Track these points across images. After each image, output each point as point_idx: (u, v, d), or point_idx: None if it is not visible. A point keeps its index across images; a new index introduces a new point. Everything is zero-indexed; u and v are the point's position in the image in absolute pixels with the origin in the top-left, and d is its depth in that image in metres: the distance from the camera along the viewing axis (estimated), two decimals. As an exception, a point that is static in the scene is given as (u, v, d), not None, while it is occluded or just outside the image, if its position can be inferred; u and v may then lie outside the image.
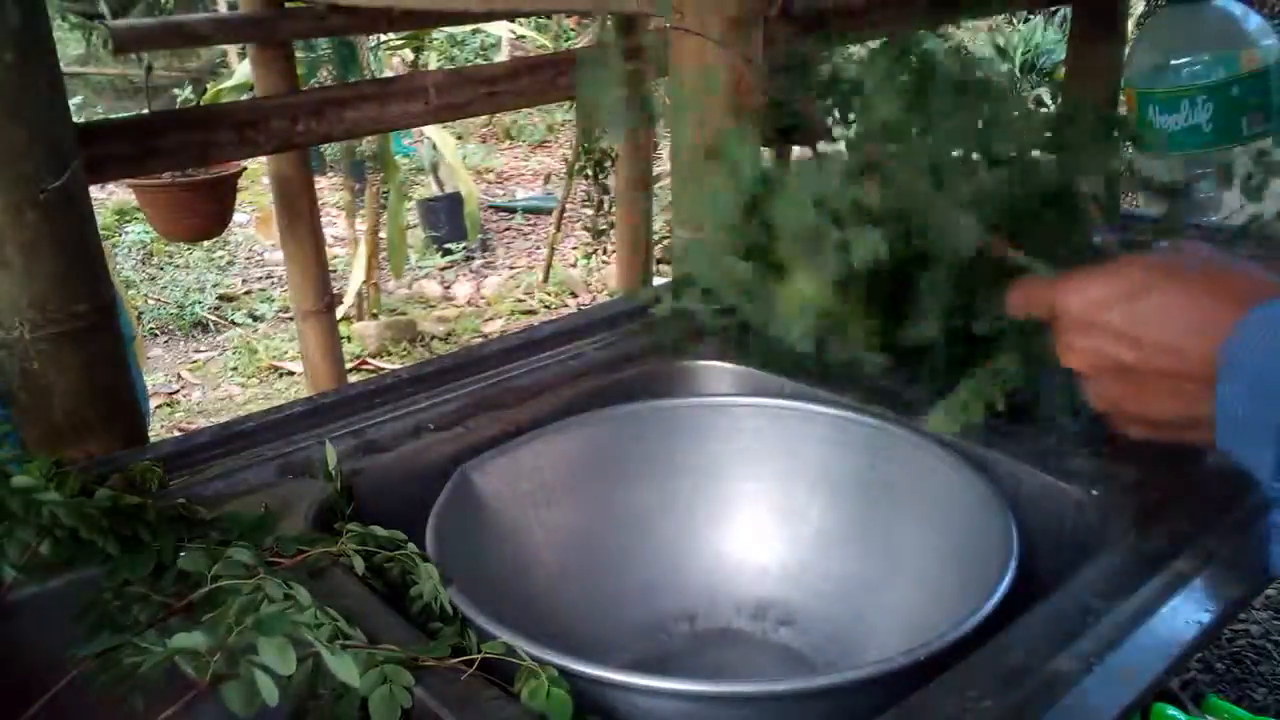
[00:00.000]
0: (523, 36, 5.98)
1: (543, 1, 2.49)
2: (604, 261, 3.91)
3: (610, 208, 3.58)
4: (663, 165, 3.68)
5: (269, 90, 2.32)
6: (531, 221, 4.99)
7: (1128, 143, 0.67)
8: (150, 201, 2.56)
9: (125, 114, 2.63)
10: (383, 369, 3.44)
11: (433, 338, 3.78)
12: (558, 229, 4.13)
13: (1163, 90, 1.57)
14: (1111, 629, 0.61)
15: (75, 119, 1.00)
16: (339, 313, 3.14)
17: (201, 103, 4.18)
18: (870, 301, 0.62)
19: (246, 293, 4.25)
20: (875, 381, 0.93)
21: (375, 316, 3.84)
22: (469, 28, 5.84)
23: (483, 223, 4.77)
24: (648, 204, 2.94)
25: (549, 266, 4.14)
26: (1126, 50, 2.07)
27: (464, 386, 0.98)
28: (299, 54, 2.82)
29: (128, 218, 4.77)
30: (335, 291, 2.75)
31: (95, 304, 0.97)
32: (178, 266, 4.41)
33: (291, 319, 3.69)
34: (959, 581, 0.73)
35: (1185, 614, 0.62)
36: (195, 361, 3.70)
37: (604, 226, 3.72)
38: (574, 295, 4.04)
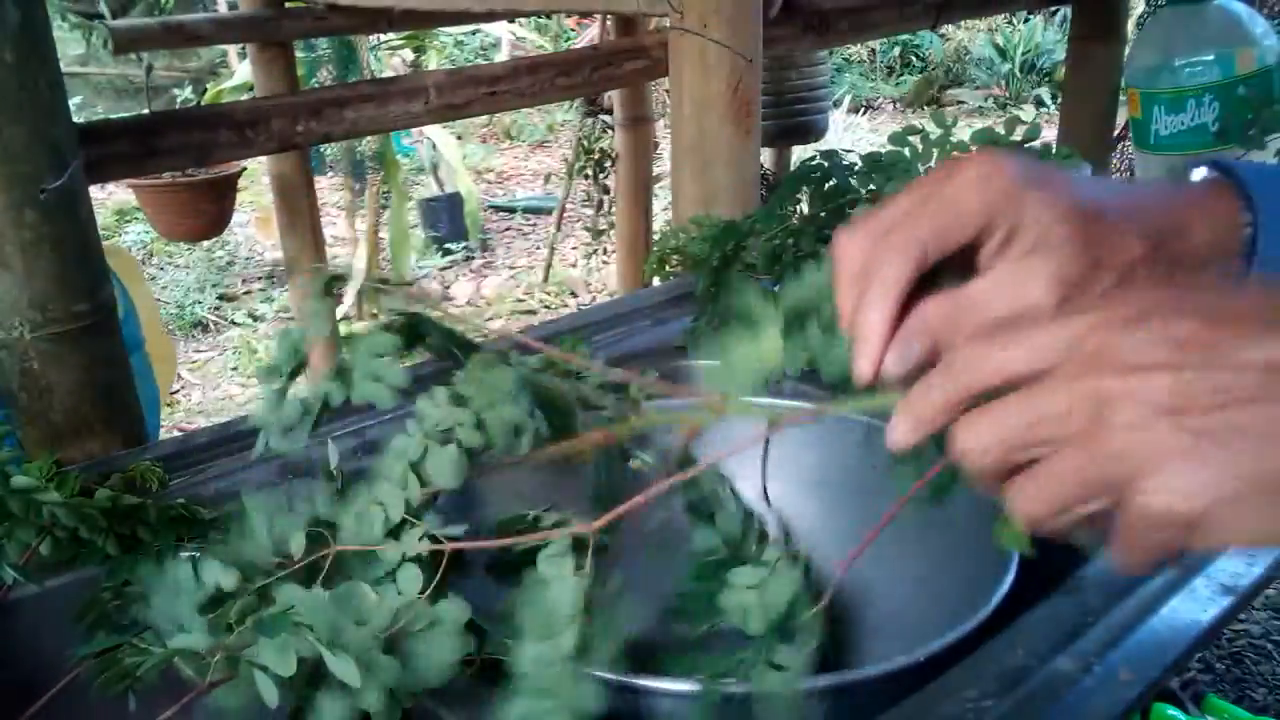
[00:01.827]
0: (523, 37, 5.98)
1: (543, 1, 2.50)
2: (604, 261, 3.90)
3: (610, 208, 3.58)
4: (663, 165, 3.68)
5: (269, 90, 2.33)
6: (531, 221, 4.99)
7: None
8: (150, 201, 2.56)
9: (125, 114, 2.63)
10: (383, 369, 3.42)
11: (433, 338, 3.77)
12: (558, 229, 4.13)
13: (1167, 90, 1.57)
14: (1111, 629, 0.61)
15: (75, 119, 1.00)
16: (339, 313, 3.14)
17: (201, 103, 4.18)
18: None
19: (246, 293, 4.25)
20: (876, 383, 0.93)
21: (375, 316, 3.84)
22: (469, 28, 5.85)
23: (483, 223, 4.78)
24: (648, 204, 2.94)
25: (549, 266, 4.14)
26: (1127, 50, 2.08)
27: (464, 386, 0.98)
28: (299, 54, 2.82)
29: (128, 218, 4.78)
30: (335, 291, 2.74)
31: (95, 304, 0.97)
32: (178, 266, 4.41)
33: (291, 319, 3.69)
34: (959, 581, 0.73)
35: (1185, 614, 0.62)
36: (195, 361, 3.70)
37: (604, 226, 3.72)
38: (574, 295, 4.04)
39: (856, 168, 1.05)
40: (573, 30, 5.83)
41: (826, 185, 1.05)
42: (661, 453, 0.48)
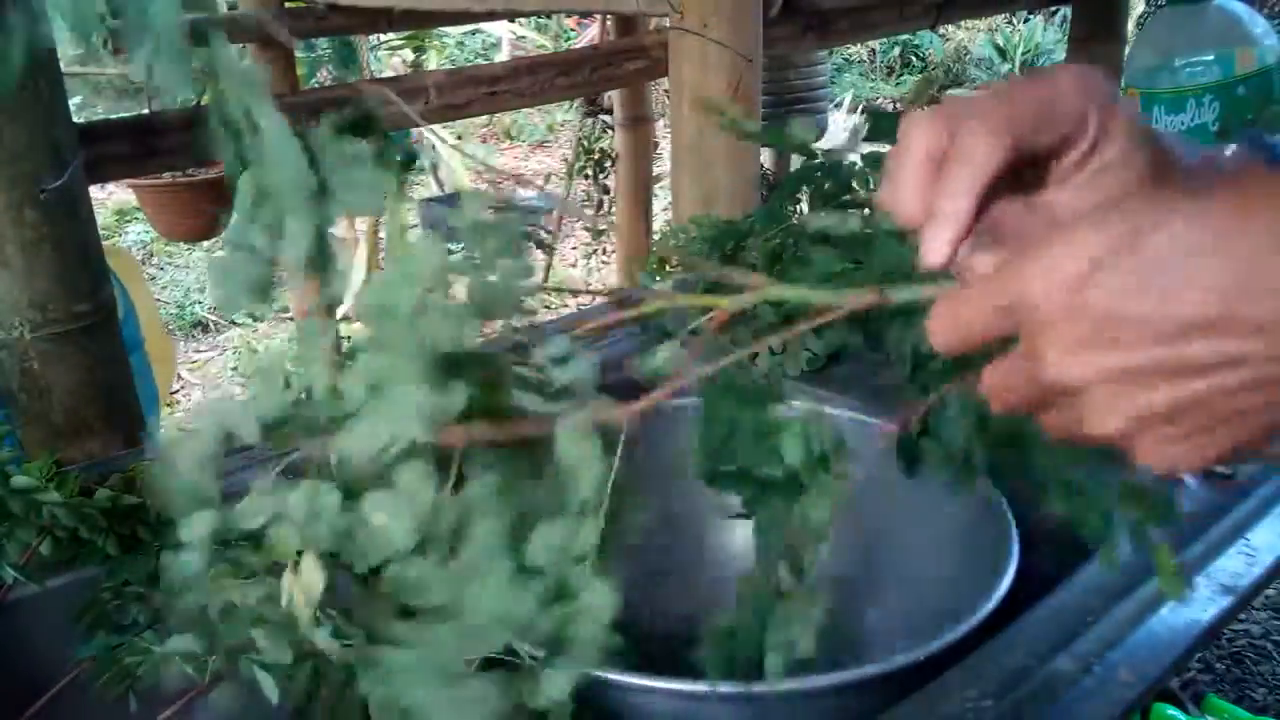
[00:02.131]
0: (523, 37, 5.98)
1: (543, 1, 2.50)
2: (604, 261, 3.90)
3: (610, 208, 3.58)
4: (663, 165, 3.68)
5: (269, 90, 2.32)
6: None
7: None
8: (150, 201, 2.56)
9: (125, 114, 2.63)
10: (383, 369, 3.42)
11: (433, 338, 3.77)
12: (558, 229, 4.13)
13: (1167, 90, 1.56)
14: (1111, 629, 0.61)
15: (75, 119, 1.00)
16: (339, 312, 3.14)
17: (201, 103, 4.17)
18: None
19: (247, 292, 4.25)
20: (876, 382, 0.94)
21: (375, 317, 3.84)
22: (469, 27, 5.85)
23: (483, 223, 4.77)
24: (648, 204, 2.94)
25: (549, 266, 4.14)
26: (1127, 50, 2.07)
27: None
28: (299, 54, 2.83)
29: (128, 218, 4.77)
30: (335, 291, 2.74)
31: (95, 304, 0.97)
32: (178, 266, 4.41)
33: (291, 319, 3.69)
34: (959, 582, 0.73)
35: (1185, 614, 0.62)
36: (195, 361, 3.70)
37: (604, 227, 3.72)
38: (574, 295, 4.04)
39: (857, 168, 1.05)
40: (573, 30, 5.83)
41: (827, 185, 1.05)
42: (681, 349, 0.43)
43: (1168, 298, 0.30)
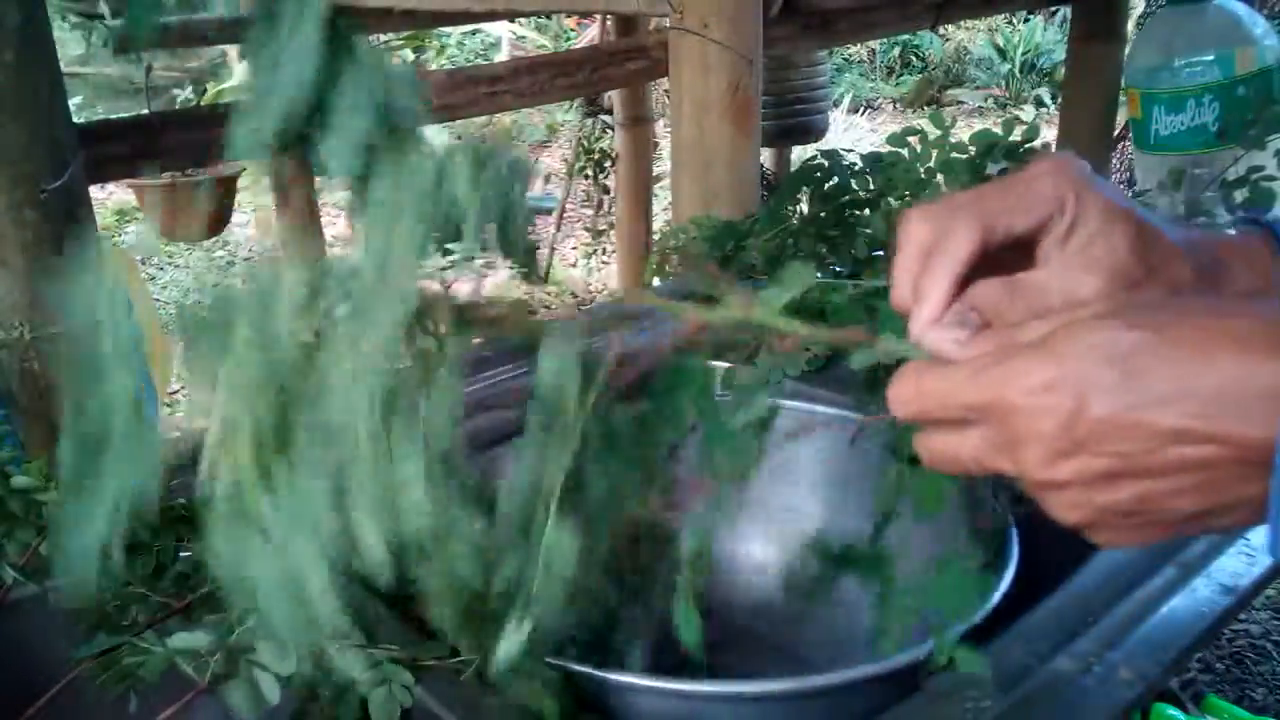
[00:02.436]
0: (523, 37, 5.98)
1: (543, 1, 2.50)
2: (604, 261, 3.90)
3: (610, 208, 3.58)
4: (663, 165, 3.68)
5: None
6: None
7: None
8: (150, 201, 2.56)
9: (125, 114, 2.63)
10: (383, 369, 3.42)
11: (433, 338, 3.76)
12: (558, 229, 4.13)
13: (1167, 90, 1.57)
14: (1111, 629, 0.61)
15: (75, 119, 1.00)
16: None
17: (201, 103, 4.18)
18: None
19: (246, 293, 4.25)
20: (876, 382, 0.94)
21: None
22: (469, 27, 5.85)
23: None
24: (648, 204, 2.94)
25: (549, 266, 4.14)
26: (1127, 50, 2.08)
27: (463, 386, 0.97)
28: (299, 54, 2.82)
29: (128, 218, 4.77)
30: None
31: (95, 304, 0.97)
32: (178, 266, 4.41)
33: (291, 319, 3.68)
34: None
35: (1185, 614, 0.62)
36: (195, 361, 3.70)
37: (604, 226, 3.72)
38: (574, 295, 4.04)
39: (856, 167, 1.05)
40: (573, 30, 5.84)
41: (827, 185, 1.05)
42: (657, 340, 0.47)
43: (1150, 412, 0.34)
